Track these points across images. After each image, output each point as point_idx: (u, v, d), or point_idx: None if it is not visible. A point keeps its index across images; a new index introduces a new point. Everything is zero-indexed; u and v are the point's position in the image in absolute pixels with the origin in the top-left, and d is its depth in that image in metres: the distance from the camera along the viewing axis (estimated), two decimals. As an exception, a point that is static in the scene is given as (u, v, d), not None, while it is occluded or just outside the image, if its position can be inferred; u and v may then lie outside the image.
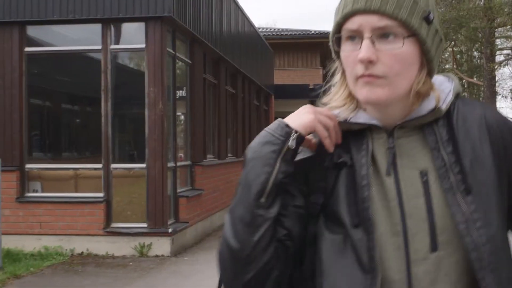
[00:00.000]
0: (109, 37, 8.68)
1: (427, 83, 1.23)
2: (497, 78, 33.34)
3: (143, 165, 8.57)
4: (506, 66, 32.85)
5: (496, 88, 34.21)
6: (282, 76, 25.29)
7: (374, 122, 1.24)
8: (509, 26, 28.12)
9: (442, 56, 32.17)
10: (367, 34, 1.17)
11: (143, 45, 8.57)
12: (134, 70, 9.39)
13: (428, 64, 1.23)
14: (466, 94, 43.52)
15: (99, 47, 8.67)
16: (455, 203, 1.18)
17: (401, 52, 1.17)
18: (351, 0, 1.18)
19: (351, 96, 1.25)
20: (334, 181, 1.23)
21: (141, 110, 8.63)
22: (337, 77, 1.29)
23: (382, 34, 1.17)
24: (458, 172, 1.19)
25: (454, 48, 32.33)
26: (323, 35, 26.28)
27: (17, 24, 8.67)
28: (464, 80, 32.27)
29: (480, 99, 36.13)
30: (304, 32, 27.00)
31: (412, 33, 1.18)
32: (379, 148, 1.25)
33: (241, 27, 14.71)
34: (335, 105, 1.27)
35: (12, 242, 8.36)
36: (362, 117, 1.25)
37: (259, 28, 22.52)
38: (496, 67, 29.12)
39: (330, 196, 1.23)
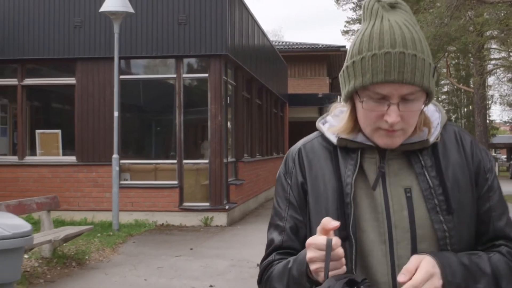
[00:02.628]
0: (182, 68, 12.01)
1: (422, 114, 1.40)
2: (487, 84, 36.41)
3: (206, 161, 11.91)
4: (495, 75, 35.87)
5: (486, 93, 37.36)
6: (293, 85, 28.41)
7: (370, 143, 1.41)
8: (496, 40, 31.07)
9: (437, 63, 35.18)
10: (395, 100, 1.31)
11: (207, 75, 11.90)
12: (199, 92, 12.64)
13: (428, 102, 1.38)
14: (457, 100, 46.65)
15: (174, 75, 12.01)
16: (438, 221, 1.36)
17: (418, 109, 1.35)
18: (382, 69, 1.30)
19: (355, 128, 1.43)
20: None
21: (205, 121, 11.95)
22: (344, 110, 1.46)
23: (404, 98, 1.32)
24: (440, 194, 1.36)
25: (448, 58, 35.36)
26: (330, 48, 29.57)
27: (114, 59, 11.98)
28: (455, 86, 35.24)
29: (472, 104, 39.20)
30: (312, 46, 30.25)
31: (425, 91, 1.35)
32: (370, 166, 1.42)
33: (266, 50, 17.99)
34: (341, 131, 1.44)
35: (110, 216, 11.65)
36: (360, 138, 1.42)
37: (273, 41, 25.73)
38: (485, 75, 32.03)
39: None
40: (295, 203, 1.50)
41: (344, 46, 28.99)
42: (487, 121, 49.26)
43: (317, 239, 1.26)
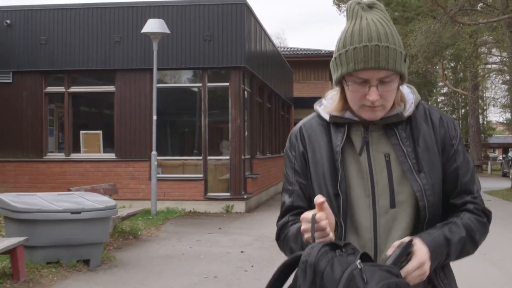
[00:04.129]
0: (206, 78, 14.04)
1: (398, 91, 1.70)
2: (483, 86, 38.30)
3: (227, 157, 13.94)
4: (489, 79, 37.80)
5: (483, 95, 39.32)
6: (297, 88, 30.28)
7: (356, 119, 1.72)
8: (489, 45, 32.89)
9: (434, 66, 37.03)
10: (374, 83, 1.61)
11: (228, 83, 13.92)
12: (221, 98, 14.63)
13: (402, 83, 1.68)
14: (454, 102, 48.50)
15: (200, 84, 14.05)
16: (413, 179, 1.67)
17: (393, 89, 1.64)
18: (362, 59, 1.59)
19: (344, 107, 1.73)
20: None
21: (226, 124, 13.98)
22: (334, 93, 1.77)
23: (381, 80, 1.61)
24: (413, 158, 1.68)
25: (443, 63, 37.32)
26: (332, 54, 31.49)
27: (149, 70, 14.00)
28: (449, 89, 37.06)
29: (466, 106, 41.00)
30: (315, 52, 32.26)
31: (398, 75, 1.64)
32: (357, 137, 1.73)
33: (274, 58, 20.00)
34: (333, 109, 1.75)
35: (147, 204, 13.66)
36: (348, 115, 1.73)
37: (279, 47, 27.68)
38: (477, 80, 33.91)
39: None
40: (299, 170, 1.80)
41: (345, 52, 30.93)
42: (485, 122, 51.28)
43: (306, 215, 1.53)
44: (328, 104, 1.79)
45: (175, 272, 7.39)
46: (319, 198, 1.51)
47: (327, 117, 1.76)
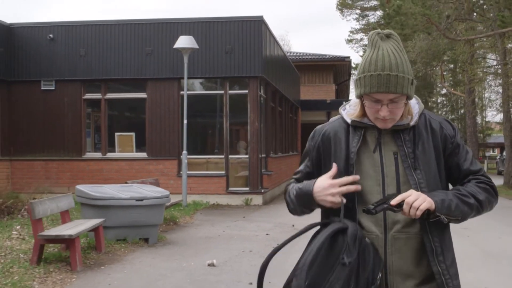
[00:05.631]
0: (227, 86, 15.86)
1: (406, 106, 2.11)
2: (480, 89, 39.96)
3: (246, 156, 15.76)
4: (486, 82, 39.44)
5: (483, 96, 40.96)
6: (303, 91, 31.85)
7: (372, 124, 2.14)
8: (484, 49, 34.43)
9: (433, 69, 38.71)
10: (385, 102, 2.05)
11: (247, 91, 15.74)
12: (241, 104, 16.40)
13: (408, 100, 2.11)
14: (454, 103, 50.15)
15: (222, 91, 15.88)
16: (410, 174, 2.10)
17: (402, 107, 2.08)
18: (376, 84, 2.03)
19: (362, 114, 2.16)
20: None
21: (245, 126, 15.80)
22: (357, 101, 2.18)
23: (391, 100, 2.05)
24: (412, 158, 2.10)
25: (441, 66, 38.95)
26: (336, 58, 33.30)
27: (176, 79, 15.82)
28: (447, 90, 38.62)
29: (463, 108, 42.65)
30: (320, 57, 34.03)
31: (406, 95, 2.07)
32: (371, 138, 2.15)
33: (284, 64, 21.81)
34: (355, 116, 2.18)
35: (175, 198, 15.45)
36: (365, 120, 2.16)
37: (287, 52, 29.42)
38: (473, 84, 35.45)
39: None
40: (312, 158, 2.31)
41: (348, 57, 32.71)
42: (484, 122, 52.96)
43: (340, 189, 2.08)
44: (351, 110, 2.24)
45: (217, 248, 9.21)
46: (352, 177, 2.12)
47: (349, 121, 2.22)
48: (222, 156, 15.87)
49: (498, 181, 27.55)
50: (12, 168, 16.32)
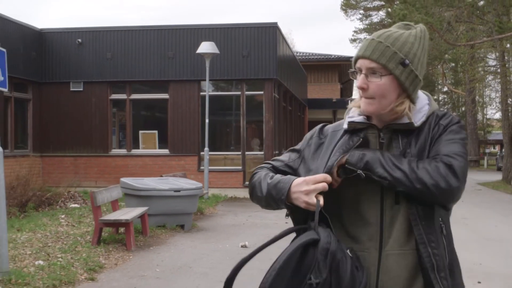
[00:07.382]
0: (244, 87, 17.07)
1: (404, 103, 1.86)
2: (479, 89, 41.16)
3: (262, 153, 16.98)
4: (486, 81, 40.61)
5: (476, 96, 42.13)
6: (309, 90, 33.11)
7: (371, 123, 1.94)
8: (484, 49, 35.48)
9: (435, 68, 39.82)
10: (363, 71, 1.87)
11: (262, 92, 16.95)
12: (256, 104, 17.62)
13: (404, 92, 1.85)
14: (455, 100, 51.35)
15: (239, 92, 17.09)
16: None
17: (381, 83, 1.84)
18: (360, 48, 1.88)
19: (359, 104, 1.95)
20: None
21: (260, 125, 17.01)
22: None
23: (372, 72, 1.85)
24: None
25: (443, 65, 40.10)
26: (341, 58, 34.52)
27: (196, 81, 17.03)
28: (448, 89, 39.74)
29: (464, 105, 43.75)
30: (326, 56, 35.22)
31: (389, 73, 1.83)
32: (372, 138, 1.95)
33: (293, 65, 23.01)
34: (355, 105, 1.97)
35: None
36: (363, 120, 1.95)
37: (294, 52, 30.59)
38: (473, 83, 36.60)
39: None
40: (300, 150, 2.09)
41: (353, 57, 33.84)
42: (484, 120, 54.17)
43: (317, 186, 1.82)
44: (354, 115, 2.00)
45: (245, 234, 10.43)
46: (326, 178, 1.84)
47: (345, 126, 1.98)
48: (239, 153, 17.08)
49: (496, 176, 28.69)
50: (43, 164, 17.55)
